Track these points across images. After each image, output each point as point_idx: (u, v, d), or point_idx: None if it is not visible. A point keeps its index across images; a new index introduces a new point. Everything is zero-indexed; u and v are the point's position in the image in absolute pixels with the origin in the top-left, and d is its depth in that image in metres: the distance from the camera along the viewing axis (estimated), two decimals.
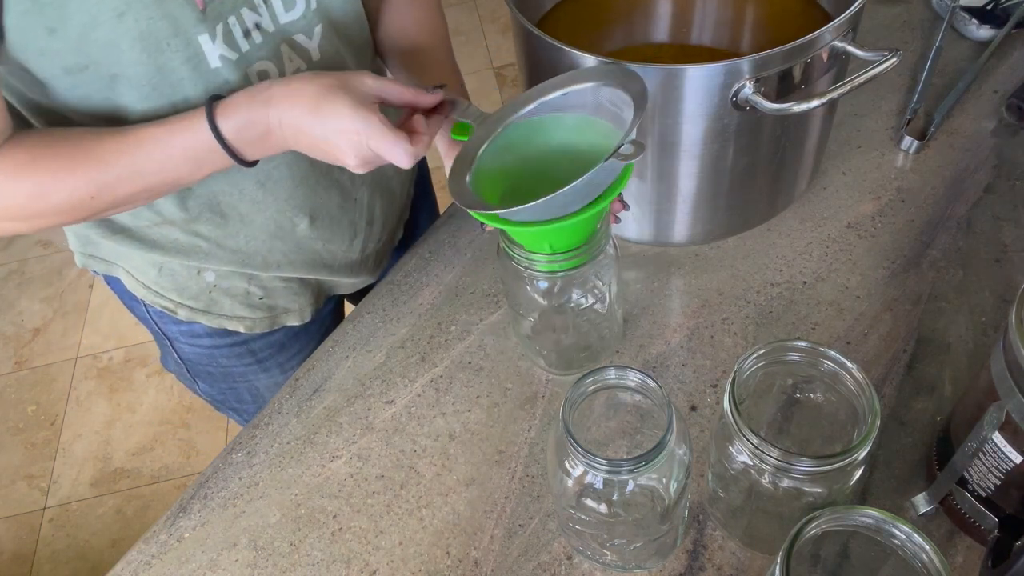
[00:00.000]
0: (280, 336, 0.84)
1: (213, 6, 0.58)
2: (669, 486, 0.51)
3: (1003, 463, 0.50)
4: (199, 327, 0.80)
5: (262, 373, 0.87)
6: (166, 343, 0.84)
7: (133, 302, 0.81)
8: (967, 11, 0.95)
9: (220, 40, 0.59)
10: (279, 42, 0.63)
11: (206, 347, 0.82)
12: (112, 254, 0.75)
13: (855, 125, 0.88)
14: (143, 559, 0.64)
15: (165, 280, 0.75)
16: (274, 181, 0.69)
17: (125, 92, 0.59)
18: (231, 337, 0.82)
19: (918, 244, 0.76)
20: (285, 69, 0.64)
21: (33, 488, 1.77)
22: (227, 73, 0.61)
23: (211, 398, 0.91)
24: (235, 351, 0.83)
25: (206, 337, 0.81)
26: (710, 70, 0.61)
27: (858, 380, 0.50)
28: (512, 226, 0.56)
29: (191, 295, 0.77)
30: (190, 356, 0.84)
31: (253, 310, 0.80)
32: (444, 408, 0.70)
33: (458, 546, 0.61)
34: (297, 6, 0.63)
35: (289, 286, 0.80)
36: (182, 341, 0.82)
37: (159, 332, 0.83)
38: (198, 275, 0.75)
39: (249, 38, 0.61)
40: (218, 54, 0.60)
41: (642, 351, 0.71)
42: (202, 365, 0.85)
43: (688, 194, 0.72)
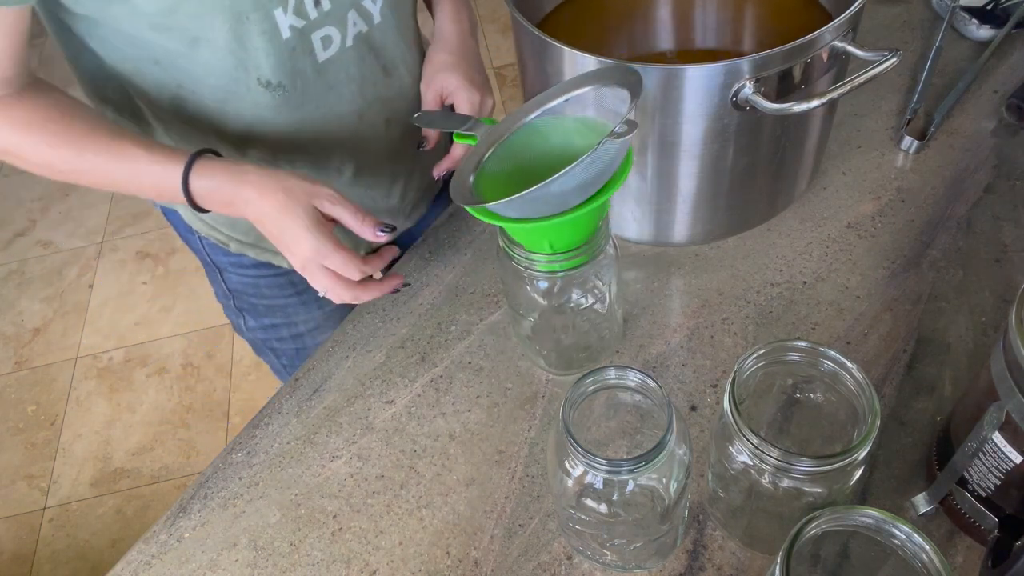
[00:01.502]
0: None
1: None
2: (669, 486, 0.51)
3: (1003, 463, 0.50)
4: (247, 259, 0.86)
5: (301, 307, 0.92)
6: (216, 274, 0.90)
7: (188, 234, 0.87)
8: (967, 11, 0.95)
9: (291, 11, 0.64)
10: (348, 8, 0.68)
11: (252, 277, 0.89)
12: None
13: (855, 125, 0.88)
14: (143, 559, 0.64)
15: (220, 215, 0.78)
16: (327, 134, 0.75)
17: (204, 54, 0.64)
18: (274, 268, 0.88)
19: (918, 244, 0.76)
20: (347, 33, 0.70)
21: (33, 488, 1.77)
22: (294, 41, 0.66)
23: (253, 336, 0.96)
24: (278, 281, 0.89)
25: (252, 268, 0.87)
26: (710, 70, 0.61)
27: (858, 380, 0.50)
28: (512, 223, 0.56)
29: (242, 230, 0.83)
30: (237, 287, 0.90)
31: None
32: (444, 408, 0.70)
33: (458, 546, 0.61)
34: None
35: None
36: (231, 271, 0.89)
37: (210, 263, 0.89)
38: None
39: (319, 6, 0.66)
40: (288, 24, 0.64)
41: (642, 351, 0.71)
42: (247, 296, 0.91)
43: (688, 194, 0.72)
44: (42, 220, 2.40)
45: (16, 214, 2.43)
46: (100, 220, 2.37)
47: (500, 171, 0.61)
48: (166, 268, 2.20)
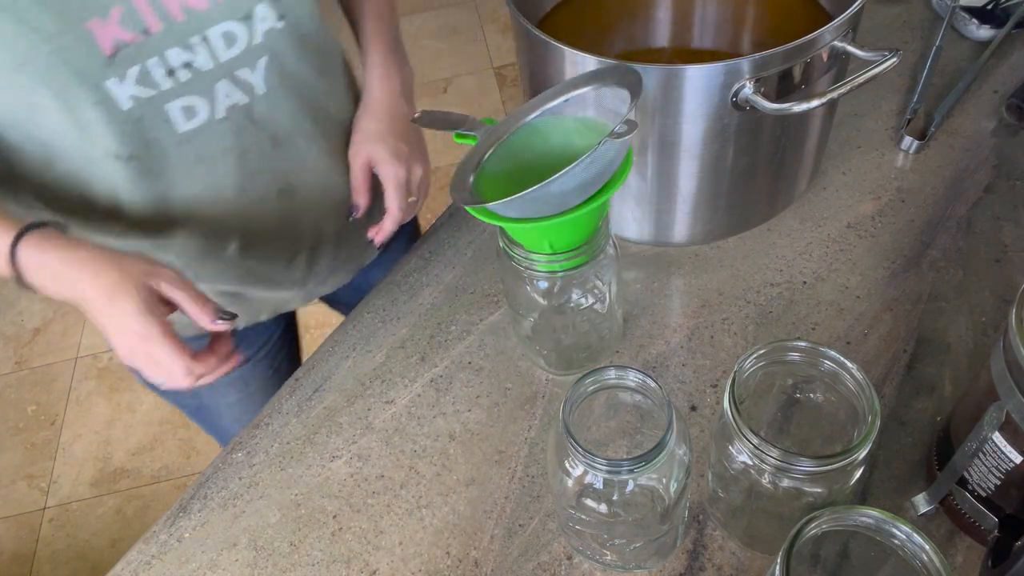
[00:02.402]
0: None
1: (127, 51, 0.58)
2: (669, 486, 0.51)
3: (1003, 463, 0.50)
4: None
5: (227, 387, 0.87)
6: None
7: None
8: (967, 11, 0.95)
9: (132, 82, 0.59)
10: (216, 79, 0.63)
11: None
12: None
13: (855, 125, 0.88)
14: (143, 559, 0.64)
15: None
16: (199, 207, 0.69)
17: (46, 121, 0.60)
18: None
19: (918, 244, 0.76)
20: (218, 104, 0.65)
21: (33, 488, 1.77)
22: (140, 111, 0.61)
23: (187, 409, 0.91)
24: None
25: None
26: (710, 70, 0.61)
27: (858, 380, 0.50)
28: (512, 223, 0.56)
29: None
30: None
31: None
32: (444, 408, 0.70)
33: (458, 546, 0.61)
34: (238, 42, 0.63)
35: (221, 296, 0.79)
36: None
37: None
38: None
39: (173, 76, 0.61)
40: (129, 95, 0.60)
41: (642, 351, 0.71)
42: None
43: (688, 194, 0.72)
44: None
45: None
46: None
47: (500, 171, 0.61)
48: None
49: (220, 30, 0.62)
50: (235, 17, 0.62)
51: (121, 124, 0.61)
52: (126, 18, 0.57)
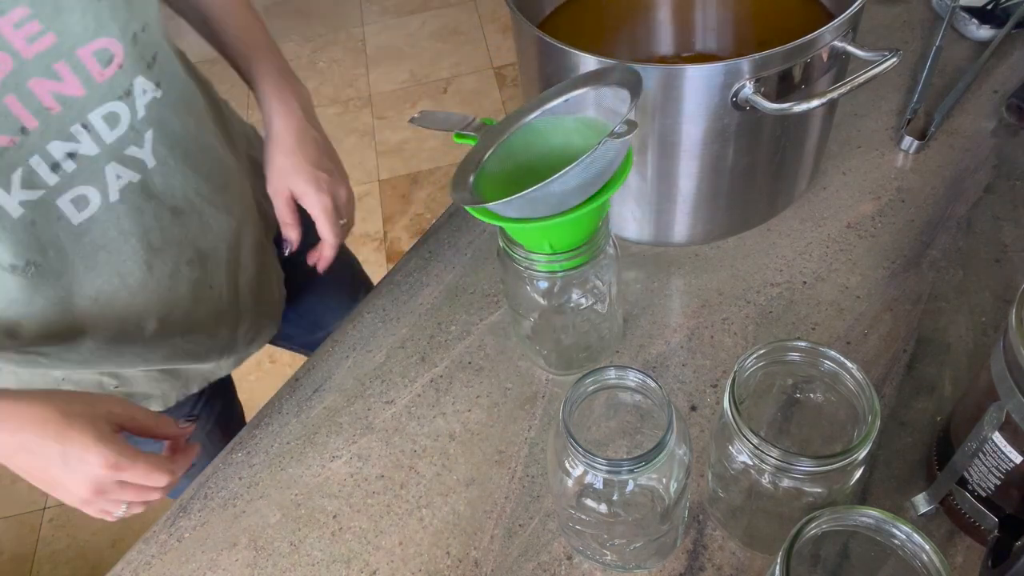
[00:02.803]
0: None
1: (6, 157, 0.53)
2: (669, 486, 0.51)
3: (1003, 463, 0.50)
4: None
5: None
6: None
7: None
8: (967, 11, 0.95)
9: (18, 187, 0.55)
10: (104, 163, 0.60)
11: None
12: None
13: (855, 125, 0.88)
14: (143, 559, 0.64)
15: (7, 379, 0.70)
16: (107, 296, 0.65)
17: None
18: None
19: (918, 244, 0.76)
20: (109, 188, 0.61)
21: (33, 488, 1.77)
22: (32, 215, 0.57)
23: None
24: None
25: None
26: (710, 70, 0.61)
27: (858, 380, 0.50)
28: (512, 223, 0.56)
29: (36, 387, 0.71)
30: None
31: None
32: (444, 408, 0.70)
33: (458, 546, 0.61)
34: (122, 121, 0.60)
35: (148, 374, 0.76)
36: None
37: None
38: (44, 372, 0.70)
39: (59, 170, 0.57)
40: (17, 201, 0.56)
41: (642, 351, 0.71)
42: None
43: (688, 194, 0.72)
44: None
45: None
46: None
47: (500, 171, 0.61)
48: None
49: (101, 113, 0.58)
50: (115, 96, 0.59)
51: (13, 234, 0.56)
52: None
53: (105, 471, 0.54)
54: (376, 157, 2.35)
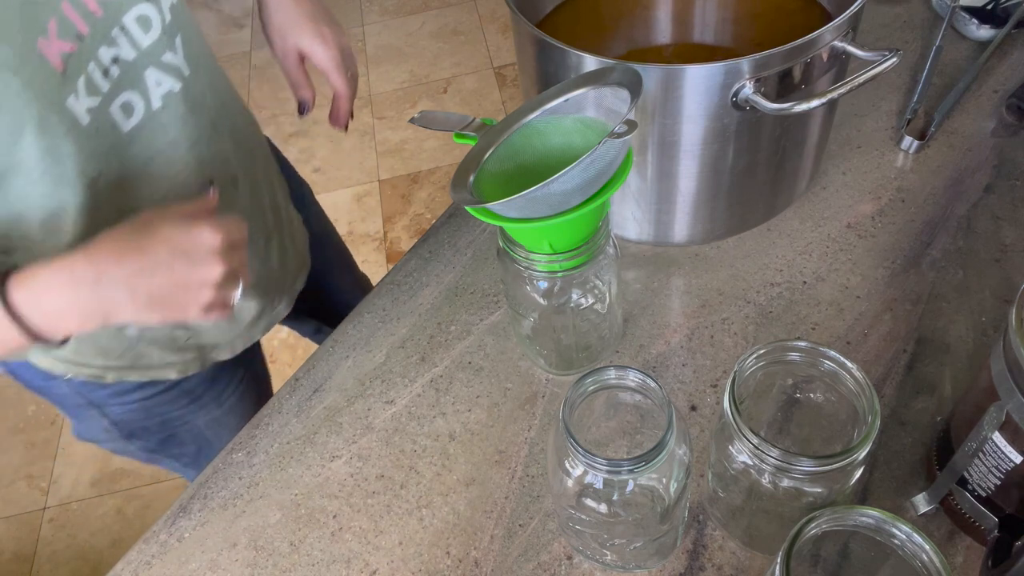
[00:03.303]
0: (210, 370, 0.82)
1: (72, 63, 0.54)
2: (669, 486, 0.51)
3: (1003, 463, 0.50)
4: (128, 383, 0.76)
5: (199, 411, 0.84)
6: (93, 412, 0.78)
7: (47, 381, 0.74)
8: (967, 11, 0.95)
9: (84, 94, 0.56)
10: (143, 68, 0.61)
11: (138, 401, 0.78)
12: None
13: (855, 125, 0.88)
14: (143, 559, 0.64)
15: (85, 347, 0.70)
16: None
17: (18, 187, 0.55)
18: (162, 384, 0.78)
19: (918, 244, 0.76)
20: (151, 95, 0.62)
21: (33, 488, 1.77)
22: (96, 122, 0.58)
23: (148, 452, 0.86)
24: (168, 396, 0.79)
25: (136, 391, 0.77)
26: (710, 70, 0.61)
27: (858, 380, 0.50)
28: (512, 223, 0.56)
29: (116, 355, 0.72)
30: (122, 417, 0.79)
31: (182, 353, 0.76)
32: (444, 408, 0.70)
33: (458, 546, 0.61)
34: (153, 25, 0.61)
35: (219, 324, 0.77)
36: (112, 404, 0.77)
37: (84, 403, 0.76)
38: (119, 333, 0.71)
39: (108, 76, 0.58)
40: (84, 108, 0.56)
41: (642, 351, 0.71)
42: (137, 422, 0.80)
43: (688, 194, 0.72)
44: None
45: None
46: None
47: (500, 171, 0.61)
48: None
49: (133, 15, 0.59)
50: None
51: (87, 141, 0.57)
52: (61, 28, 0.54)
53: (216, 235, 0.54)
54: (376, 157, 2.35)
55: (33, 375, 0.74)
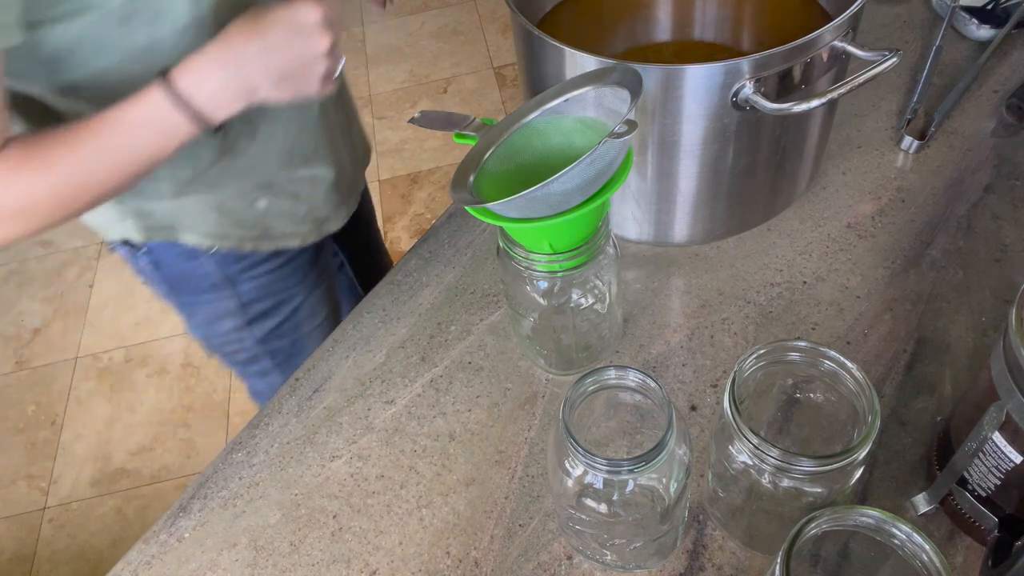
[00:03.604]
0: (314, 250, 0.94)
1: None
2: (669, 486, 0.51)
3: (1003, 463, 0.50)
4: (257, 256, 0.87)
5: (306, 293, 0.95)
6: (225, 292, 0.89)
7: (192, 261, 0.84)
8: (967, 11, 0.95)
9: None
10: None
11: (264, 274, 0.89)
12: (171, 217, 0.79)
13: (855, 125, 0.88)
14: (143, 559, 0.64)
15: (225, 219, 0.80)
16: None
17: (165, 30, 0.62)
18: (283, 257, 0.89)
19: (918, 244, 0.76)
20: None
21: (33, 488, 1.77)
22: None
23: (256, 342, 0.96)
24: (287, 271, 0.90)
25: (264, 263, 0.88)
26: (710, 70, 0.61)
27: (858, 380, 0.50)
28: (512, 223, 0.56)
29: (250, 225, 0.83)
30: (250, 295, 0.90)
31: (300, 224, 0.87)
32: (444, 408, 0.70)
33: (458, 546, 0.61)
34: None
35: (327, 194, 0.87)
36: (244, 279, 0.88)
37: (220, 280, 0.87)
38: (252, 205, 0.81)
39: None
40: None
41: (642, 351, 0.71)
42: (259, 302, 0.91)
43: (688, 194, 0.72)
44: None
45: None
46: None
47: (500, 171, 0.61)
48: None
49: None
50: None
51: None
52: None
53: (317, 11, 0.61)
54: (376, 157, 2.35)
55: (179, 257, 0.83)
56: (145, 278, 0.89)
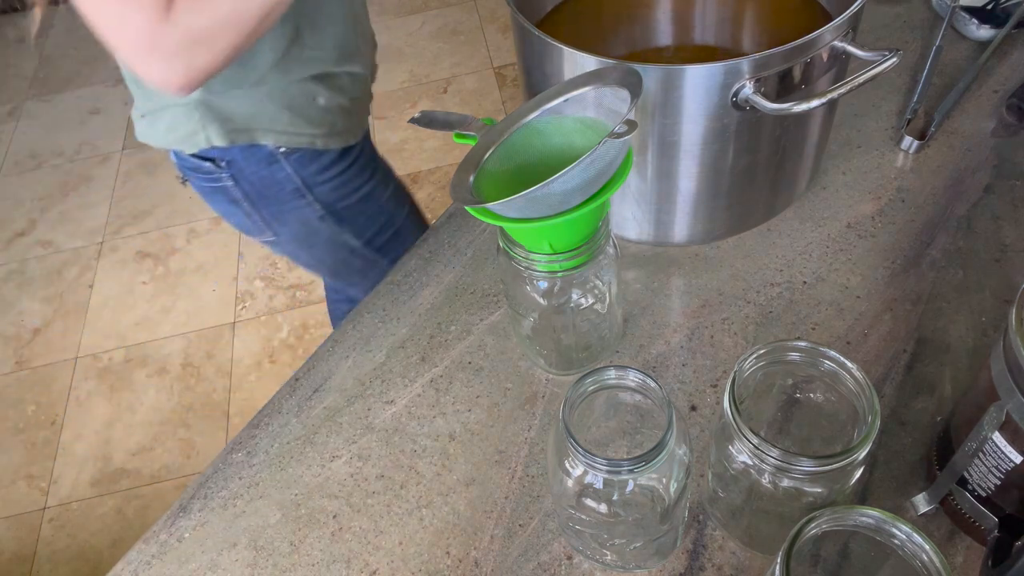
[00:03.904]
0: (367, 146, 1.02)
1: None
2: (669, 486, 0.51)
3: (1003, 463, 0.50)
4: (325, 158, 0.94)
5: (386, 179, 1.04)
6: (305, 200, 0.95)
7: (270, 167, 0.91)
8: (967, 11, 0.95)
9: None
10: None
11: (337, 175, 0.96)
12: (249, 119, 0.86)
13: (855, 125, 0.88)
14: (143, 559, 0.64)
15: (296, 117, 0.88)
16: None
17: None
18: (352, 151, 0.97)
19: (918, 244, 0.76)
20: None
21: (33, 488, 1.77)
22: None
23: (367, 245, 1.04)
24: (357, 168, 0.98)
25: (336, 164, 0.95)
26: (710, 70, 0.61)
27: (858, 380, 0.50)
28: (512, 223, 0.56)
29: (316, 122, 0.90)
30: (329, 197, 0.97)
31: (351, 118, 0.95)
32: (444, 408, 0.70)
33: (458, 546, 0.61)
34: None
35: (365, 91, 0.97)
36: (320, 183, 0.95)
37: (299, 185, 0.94)
38: (313, 101, 0.88)
39: None
40: None
41: (642, 351, 0.71)
42: (340, 201, 0.98)
43: (688, 194, 0.72)
44: (42, 220, 2.40)
45: (16, 214, 2.43)
46: (100, 220, 2.37)
47: (500, 171, 0.61)
48: (166, 268, 2.20)
49: None
50: None
51: None
52: None
53: None
54: None
55: (259, 164, 0.90)
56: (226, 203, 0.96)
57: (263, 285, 2.11)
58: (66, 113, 2.75)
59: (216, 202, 0.97)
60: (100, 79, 2.86)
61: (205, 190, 0.95)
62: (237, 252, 2.21)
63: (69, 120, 2.73)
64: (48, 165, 2.57)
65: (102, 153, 2.58)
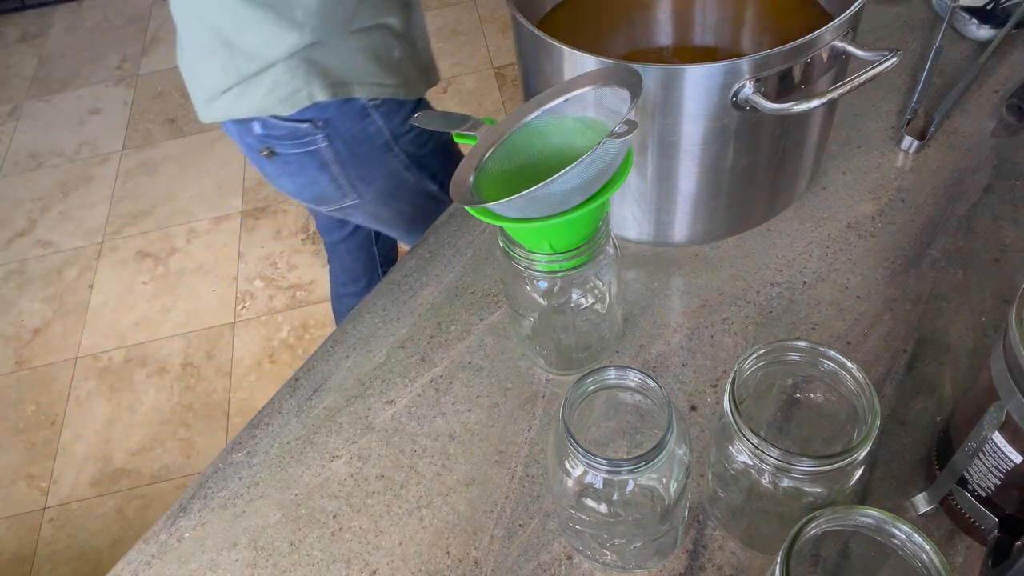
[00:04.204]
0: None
1: None
2: (669, 486, 0.51)
3: (1003, 463, 0.50)
4: (406, 109, 0.99)
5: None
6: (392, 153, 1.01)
7: (362, 122, 0.96)
8: (967, 11, 0.95)
9: None
10: None
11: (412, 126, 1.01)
12: (344, 71, 0.91)
13: (855, 125, 0.88)
14: (143, 559, 0.64)
15: (383, 69, 0.93)
16: None
17: None
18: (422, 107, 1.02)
19: (918, 244, 0.76)
20: None
21: (33, 488, 1.77)
22: None
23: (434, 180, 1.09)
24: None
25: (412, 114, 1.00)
26: (710, 70, 0.61)
27: (858, 380, 0.50)
28: (512, 223, 0.56)
29: (397, 73, 0.96)
30: (410, 147, 1.03)
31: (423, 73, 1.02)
32: (444, 408, 0.70)
33: (458, 546, 0.61)
34: None
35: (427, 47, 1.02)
36: (403, 134, 1.01)
37: (388, 138, 0.99)
38: (391, 54, 0.94)
39: None
40: None
41: (642, 351, 0.71)
42: (420, 149, 1.04)
43: (688, 194, 0.72)
44: (42, 220, 2.40)
45: (16, 214, 2.43)
46: (100, 220, 2.37)
47: (500, 171, 0.61)
48: (166, 268, 2.21)
49: None
50: None
51: None
52: None
53: None
54: None
55: (353, 120, 0.95)
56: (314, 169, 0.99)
57: (263, 285, 2.11)
58: (66, 113, 2.75)
59: (303, 169, 0.99)
60: (100, 79, 2.86)
61: (292, 160, 0.98)
62: (237, 252, 2.21)
63: (69, 120, 2.73)
64: (48, 165, 2.57)
65: (102, 153, 2.58)
